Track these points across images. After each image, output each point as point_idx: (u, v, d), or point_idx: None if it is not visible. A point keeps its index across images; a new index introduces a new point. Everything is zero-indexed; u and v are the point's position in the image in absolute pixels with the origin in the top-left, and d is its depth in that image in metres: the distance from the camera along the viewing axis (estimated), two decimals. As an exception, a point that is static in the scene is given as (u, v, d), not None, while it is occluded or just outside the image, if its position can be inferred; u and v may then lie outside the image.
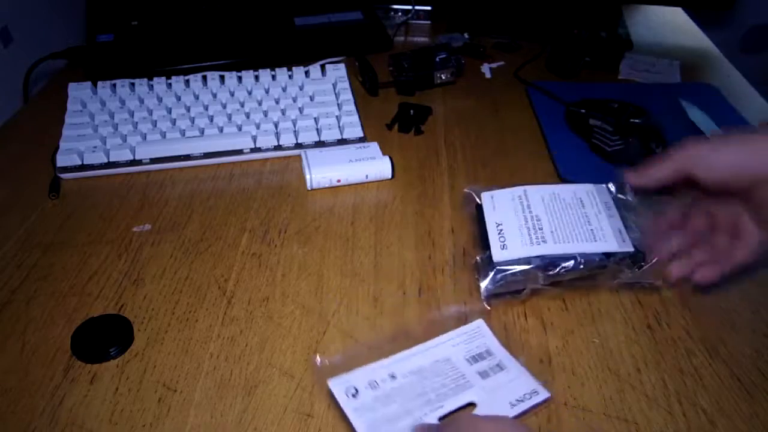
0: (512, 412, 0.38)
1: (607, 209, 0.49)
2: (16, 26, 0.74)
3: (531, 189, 0.51)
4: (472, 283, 0.48)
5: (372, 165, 0.58)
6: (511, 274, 0.45)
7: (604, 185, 0.51)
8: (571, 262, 0.44)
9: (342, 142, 0.63)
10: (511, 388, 0.39)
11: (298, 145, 0.62)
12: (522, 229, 0.47)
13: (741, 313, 0.46)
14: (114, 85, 0.67)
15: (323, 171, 0.57)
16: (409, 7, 0.90)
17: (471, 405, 0.39)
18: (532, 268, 0.44)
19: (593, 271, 0.46)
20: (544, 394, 0.39)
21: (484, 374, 0.40)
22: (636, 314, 0.46)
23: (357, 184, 0.59)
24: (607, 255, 0.45)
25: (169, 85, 0.67)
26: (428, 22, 0.92)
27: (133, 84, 0.67)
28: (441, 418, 0.37)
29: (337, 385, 0.39)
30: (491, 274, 0.45)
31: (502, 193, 0.51)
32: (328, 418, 0.39)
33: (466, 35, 0.85)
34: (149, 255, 0.51)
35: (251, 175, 0.60)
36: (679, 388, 0.41)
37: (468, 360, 0.41)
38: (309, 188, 0.58)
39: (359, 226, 0.54)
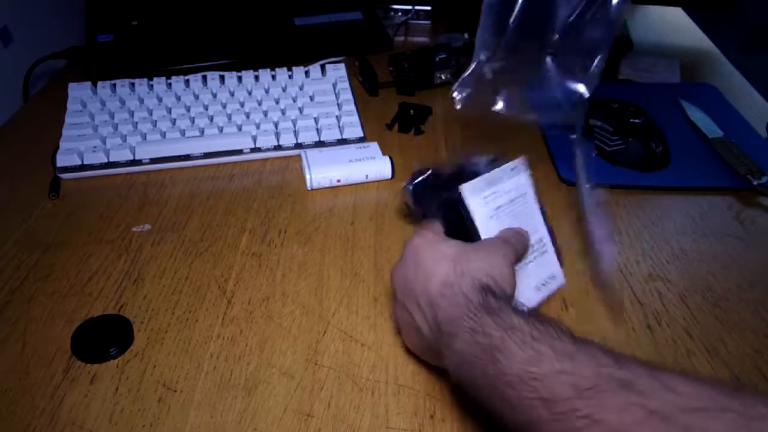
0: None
1: None
2: (16, 26, 0.74)
3: None
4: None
5: (372, 165, 0.58)
6: None
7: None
8: None
9: (342, 142, 0.63)
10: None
11: (298, 145, 0.62)
12: None
13: (741, 313, 0.46)
14: (114, 85, 0.67)
15: (323, 171, 0.57)
16: (409, 7, 0.90)
17: None
18: None
19: None
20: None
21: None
22: (636, 314, 0.46)
23: (357, 184, 0.59)
24: None
25: (169, 85, 0.67)
26: (428, 22, 0.92)
27: (133, 84, 0.67)
28: None
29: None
30: None
31: None
32: (328, 418, 0.39)
33: (466, 35, 0.85)
34: (149, 255, 0.51)
35: (251, 175, 0.60)
36: (679, 388, 0.41)
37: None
38: (309, 188, 0.58)
39: (359, 226, 0.54)
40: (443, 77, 0.74)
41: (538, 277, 0.44)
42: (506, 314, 0.32)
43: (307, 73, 0.70)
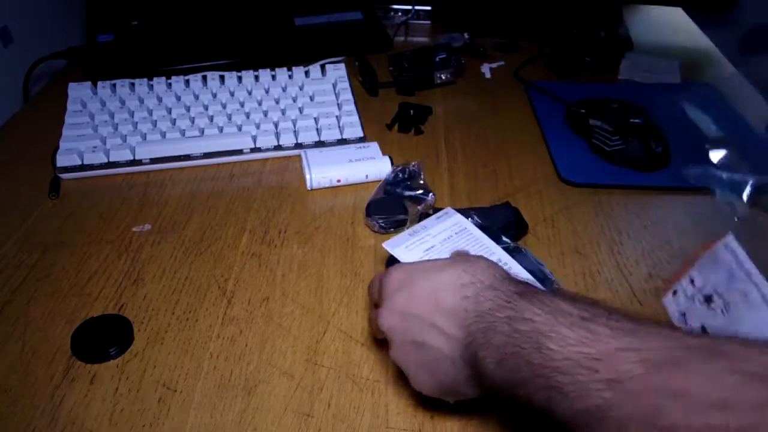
0: None
1: None
2: (16, 26, 0.74)
3: None
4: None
5: (372, 165, 0.58)
6: None
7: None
8: None
9: (342, 142, 0.63)
10: None
11: (298, 145, 0.62)
12: None
13: (741, 313, 0.46)
14: (114, 85, 0.67)
15: (323, 171, 0.57)
16: (409, 7, 0.90)
17: None
18: None
19: None
20: None
21: None
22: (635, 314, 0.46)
23: (357, 184, 0.59)
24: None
25: (169, 85, 0.67)
26: (428, 22, 0.92)
27: (133, 84, 0.67)
28: None
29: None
30: None
31: None
32: (328, 418, 0.39)
33: (466, 35, 0.85)
34: (149, 255, 0.51)
35: (251, 175, 0.60)
36: (679, 388, 0.41)
37: None
38: (309, 188, 0.58)
39: (359, 226, 0.54)
40: (443, 77, 0.73)
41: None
42: (548, 298, 0.29)
43: (307, 73, 0.70)
